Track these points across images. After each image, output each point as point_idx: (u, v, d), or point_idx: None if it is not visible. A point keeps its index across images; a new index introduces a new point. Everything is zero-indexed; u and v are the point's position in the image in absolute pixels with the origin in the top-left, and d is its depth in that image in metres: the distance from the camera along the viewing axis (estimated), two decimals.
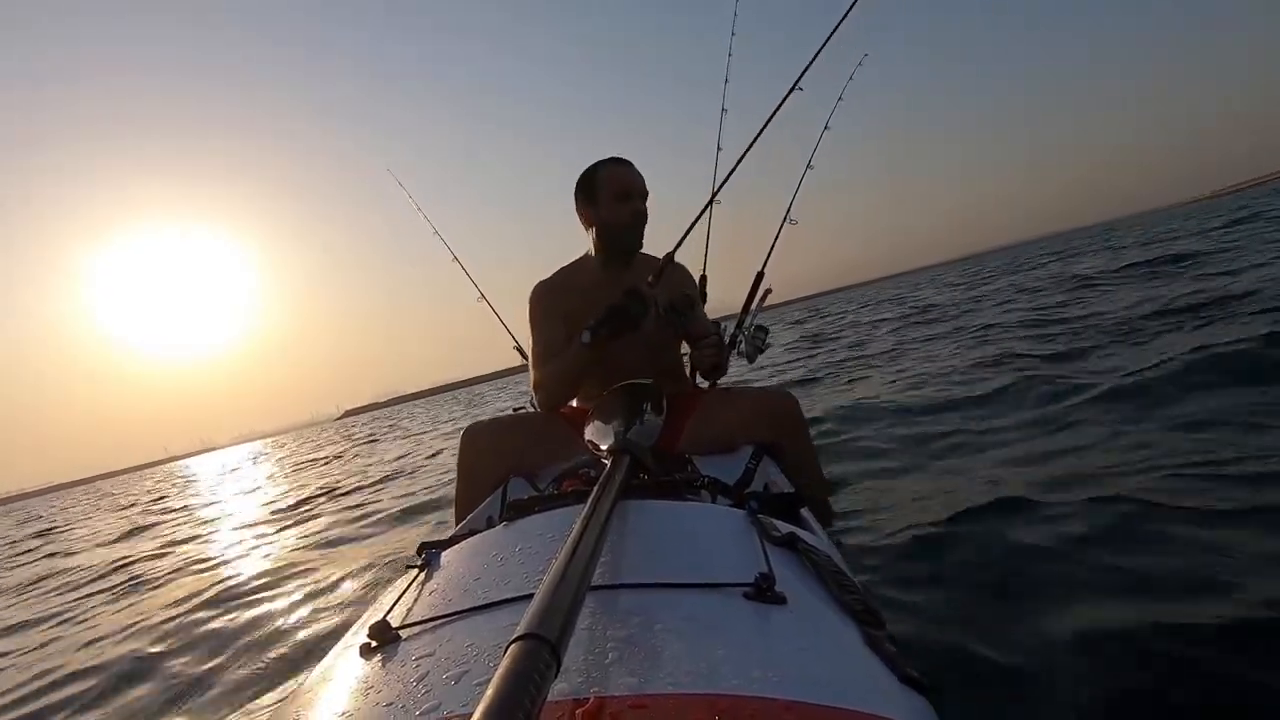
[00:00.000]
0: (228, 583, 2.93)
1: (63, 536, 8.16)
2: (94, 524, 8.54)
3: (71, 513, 13.84)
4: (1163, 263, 7.29)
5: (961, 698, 1.03)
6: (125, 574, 4.00)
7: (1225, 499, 1.54)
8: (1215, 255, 6.78)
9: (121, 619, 2.82)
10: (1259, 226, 9.36)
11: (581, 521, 0.63)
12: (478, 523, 1.37)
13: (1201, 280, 5.21)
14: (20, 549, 7.87)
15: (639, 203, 1.71)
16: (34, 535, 9.66)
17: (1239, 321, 3.39)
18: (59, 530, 9.45)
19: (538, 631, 0.42)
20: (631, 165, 1.73)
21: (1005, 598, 1.35)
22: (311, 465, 9.66)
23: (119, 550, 5.19)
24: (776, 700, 0.47)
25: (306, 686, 0.65)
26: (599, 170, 1.72)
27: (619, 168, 1.72)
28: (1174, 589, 1.24)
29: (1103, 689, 1.03)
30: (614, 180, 1.70)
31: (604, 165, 1.73)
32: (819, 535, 1.02)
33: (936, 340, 6.09)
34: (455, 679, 0.53)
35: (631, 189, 1.70)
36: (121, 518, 8.27)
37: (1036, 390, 3.04)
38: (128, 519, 7.88)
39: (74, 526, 9.38)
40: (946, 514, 1.82)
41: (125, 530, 6.64)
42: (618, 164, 1.73)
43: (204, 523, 5.69)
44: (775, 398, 1.69)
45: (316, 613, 2.24)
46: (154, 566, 3.98)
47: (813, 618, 0.63)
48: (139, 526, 6.69)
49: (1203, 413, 2.19)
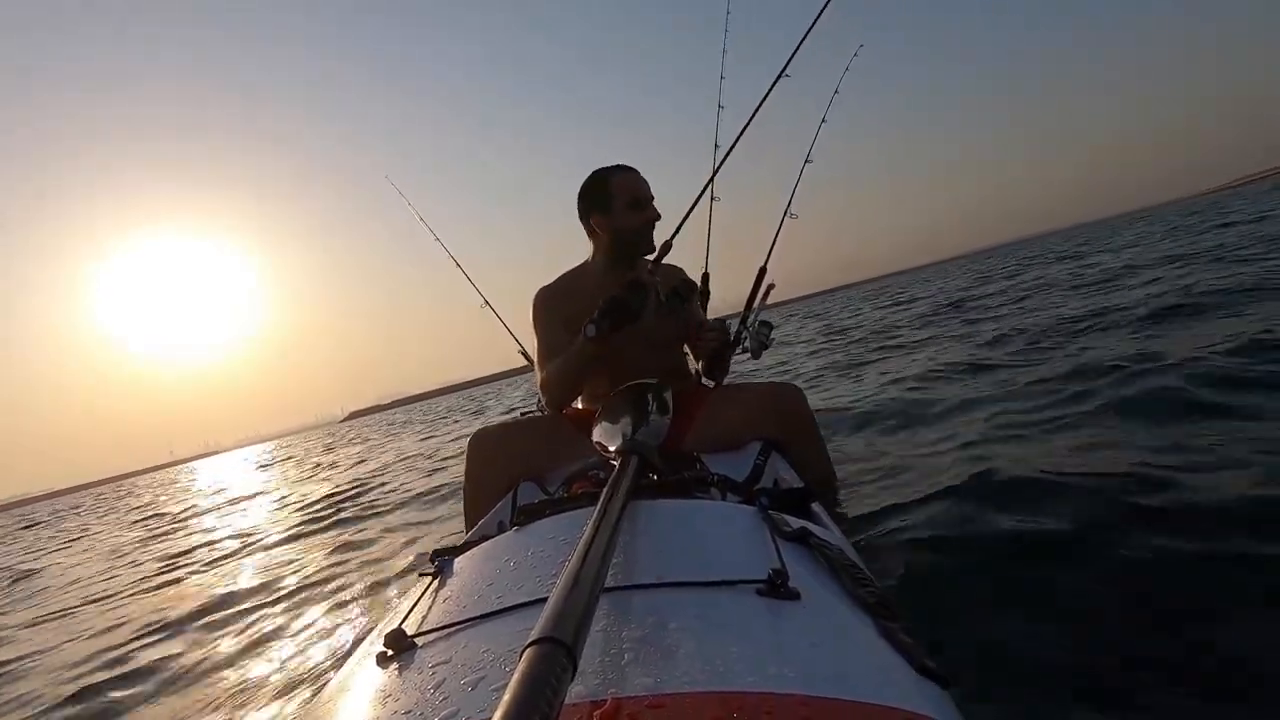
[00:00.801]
0: (238, 593, 2.94)
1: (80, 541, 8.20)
2: (110, 532, 8.58)
3: (82, 519, 13.83)
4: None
5: (980, 689, 1.03)
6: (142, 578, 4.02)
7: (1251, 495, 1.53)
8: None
9: (132, 625, 2.83)
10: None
11: (593, 524, 0.64)
12: (489, 528, 1.38)
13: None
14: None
15: (652, 208, 1.76)
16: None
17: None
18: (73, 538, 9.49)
19: (553, 635, 0.42)
20: (636, 171, 1.78)
21: (1023, 588, 1.34)
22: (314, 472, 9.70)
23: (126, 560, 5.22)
24: (793, 696, 0.47)
25: (324, 697, 0.66)
26: (610, 179, 1.76)
27: (630, 175, 1.76)
28: (1198, 583, 1.22)
29: (1120, 678, 1.02)
30: (627, 188, 1.74)
31: (615, 173, 1.76)
32: (831, 529, 1.01)
33: (961, 336, 6.03)
34: (472, 685, 0.53)
35: (644, 196, 1.75)
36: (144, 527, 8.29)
37: (1071, 379, 3.01)
38: (146, 527, 7.89)
39: (89, 532, 9.43)
40: (962, 505, 1.81)
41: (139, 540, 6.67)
42: (627, 172, 1.77)
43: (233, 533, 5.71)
44: (780, 391, 1.69)
45: (334, 620, 2.25)
46: (185, 567, 4.00)
47: (827, 612, 0.62)
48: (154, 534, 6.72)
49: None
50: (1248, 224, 9.50)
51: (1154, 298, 4.62)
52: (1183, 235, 10.99)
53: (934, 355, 4.83)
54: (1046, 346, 3.95)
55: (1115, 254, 10.54)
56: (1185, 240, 9.69)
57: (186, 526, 6.76)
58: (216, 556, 4.26)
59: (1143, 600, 1.19)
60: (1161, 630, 1.10)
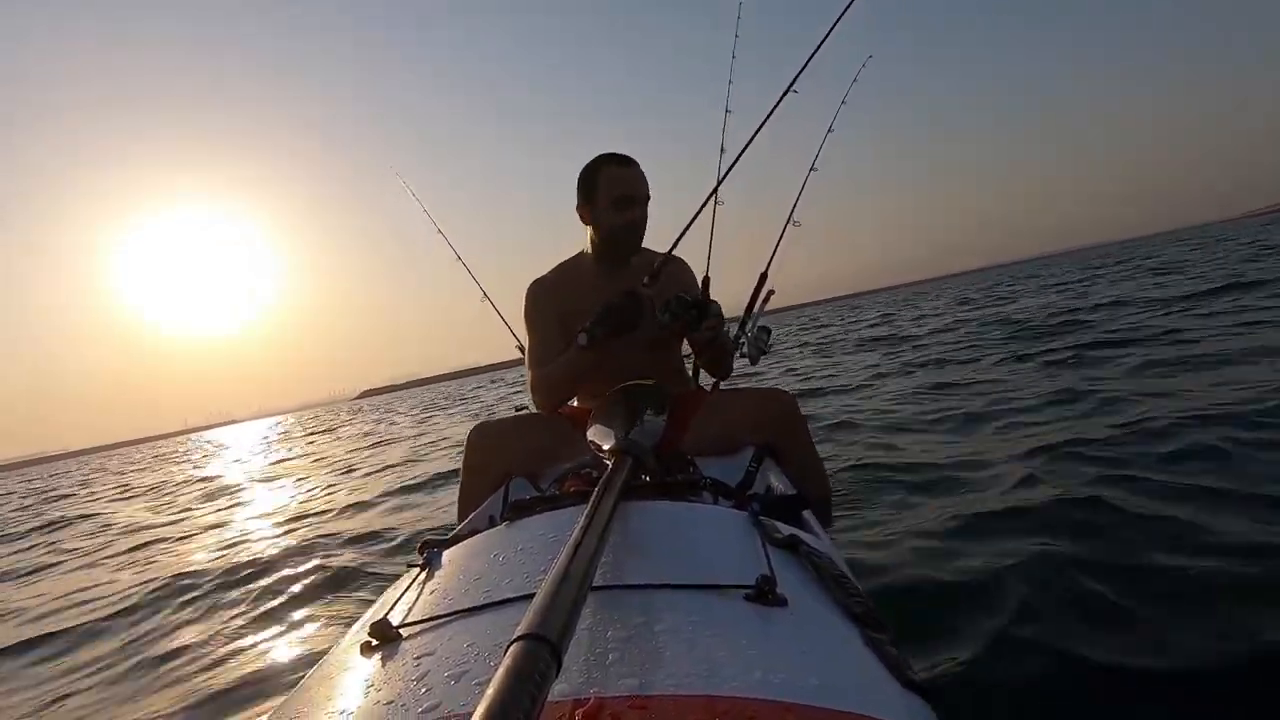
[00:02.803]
0: (227, 572, 2.93)
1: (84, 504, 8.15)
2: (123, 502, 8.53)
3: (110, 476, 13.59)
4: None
5: (964, 703, 1.03)
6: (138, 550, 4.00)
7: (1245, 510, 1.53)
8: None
9: (121, 604, 2.82)
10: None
11: (583, 522, 0.63)
12: (479, 522, 1.38)
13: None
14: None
15: (638, 210, 1.65)
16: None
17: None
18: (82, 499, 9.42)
19: (538, 631, 0.42)
20: (633, 165, 1.66)
21: (1010, 603, 1.34)
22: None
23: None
24: (777, 703, 0.47)
25: (307, 684, 0.65)
26: (600, 169, 1.65)
27: (620, 169, 1.64)
28: (1190, 598, 1.23)
29: (1105, 694, 1.03)
30: (614, 184, 1.63)
31: (605, 164, 1.65)
32: (821, 538, 1.01)
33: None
34: (455, 678, 0.53)
35: (632, 195, 1.64)
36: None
37: (1063, 388, 3.02)
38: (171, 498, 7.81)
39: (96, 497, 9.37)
40: (952, 518, 1.81)
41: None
42: (619, 164, 1.64)
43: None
44: (774, 397, 1.68)
45: (319, 607, 2.24)
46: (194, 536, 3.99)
47: (814, 620, 0.62)
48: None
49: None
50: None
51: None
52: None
53: (910, 361, 4.84)
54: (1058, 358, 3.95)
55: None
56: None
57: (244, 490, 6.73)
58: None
59: (1132, 620, 1.19)
60: (1150, 649, 1.10)
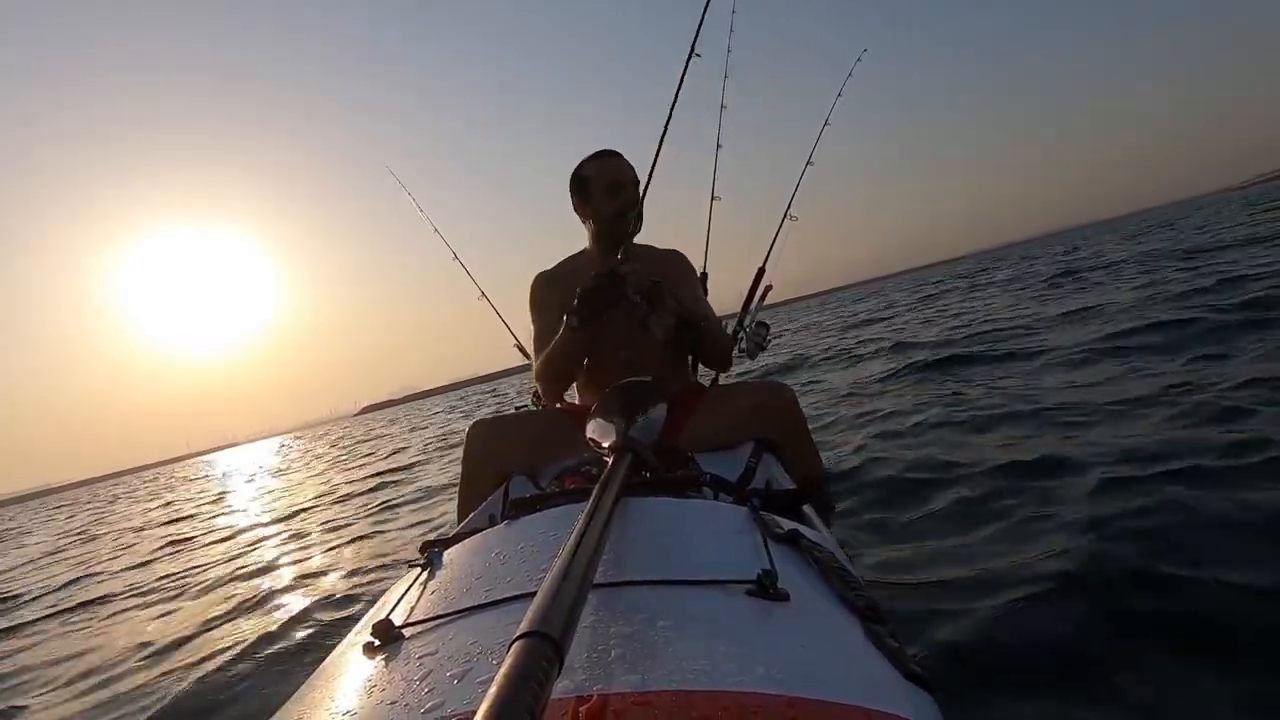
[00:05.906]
0: (232, 582, 2.94)
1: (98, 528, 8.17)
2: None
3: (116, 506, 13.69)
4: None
5: (965, 696, 1.03)
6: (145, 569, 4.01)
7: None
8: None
9: (129, 616, 2.83)
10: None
11: (584, 519, 0.63)
12: (479, 521, 1.38)
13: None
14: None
15: (629, 191, 1.75)
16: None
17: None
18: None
19: (540, 629, 0.42)
20: (618, 156, 1.78)
21: (1011, 594, 1.34)
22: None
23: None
24: (779, 697, 0.47)
25: (309, 685, 0.65)
26: (587, 165, 1.77)
27: (605, 161, 1.76)
28: (1189, 589, 1.22)
29: (1106, 685, 1.03)
30: (603, 174, 1.75)
31: (591, 161, 1.77)
32: (821, 532, 1.01)
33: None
34: (458, 678, 0.53)
35: (621, 180, 1.74)
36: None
37: (1070, 376, 3.02)
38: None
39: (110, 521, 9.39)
40: (952, 510, 1.81)
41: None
42: (604, 158, 1.77)
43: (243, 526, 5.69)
44: (772, 391, 1.69)
45: (321, 610, 2.24)
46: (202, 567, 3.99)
47: (815, 614, 0.63)
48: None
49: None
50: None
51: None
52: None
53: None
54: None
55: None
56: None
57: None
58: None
59: (1134, 613, 1.19)
60: (1151, 642, 1.10)
